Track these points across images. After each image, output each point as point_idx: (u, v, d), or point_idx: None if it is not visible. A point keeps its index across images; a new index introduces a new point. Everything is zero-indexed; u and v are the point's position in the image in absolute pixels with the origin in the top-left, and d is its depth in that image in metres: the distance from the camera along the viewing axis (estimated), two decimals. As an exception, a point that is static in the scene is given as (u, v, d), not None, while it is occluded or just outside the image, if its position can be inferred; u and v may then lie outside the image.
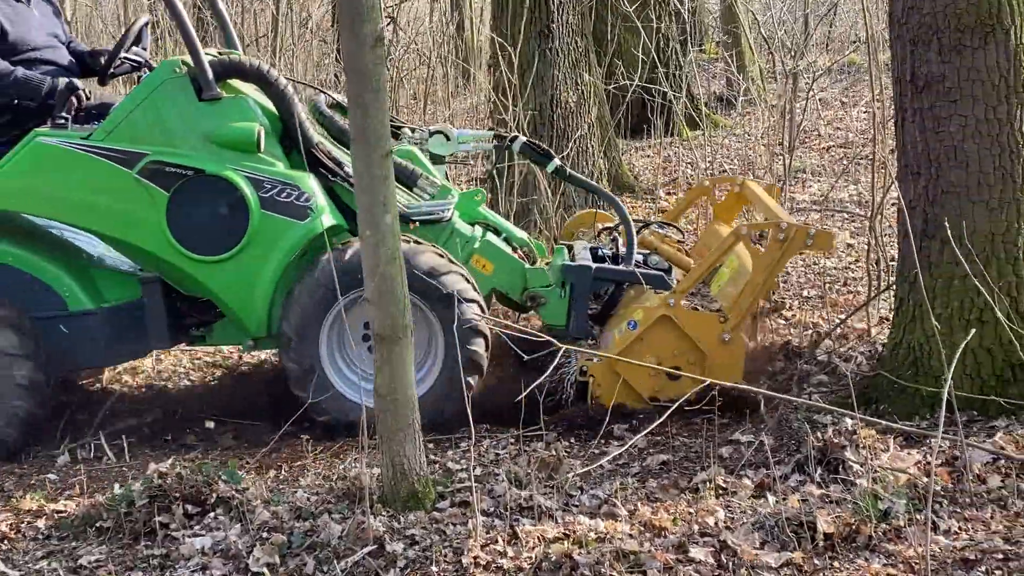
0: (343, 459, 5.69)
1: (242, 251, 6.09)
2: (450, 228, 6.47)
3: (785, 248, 5.86)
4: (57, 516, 5.19)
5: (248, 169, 6.07)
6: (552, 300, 6.43)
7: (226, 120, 6.11)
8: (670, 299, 5.99)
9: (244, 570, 4.50)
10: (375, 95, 4.56)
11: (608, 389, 6.00)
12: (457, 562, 4.36)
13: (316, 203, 6.10)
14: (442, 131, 6.97)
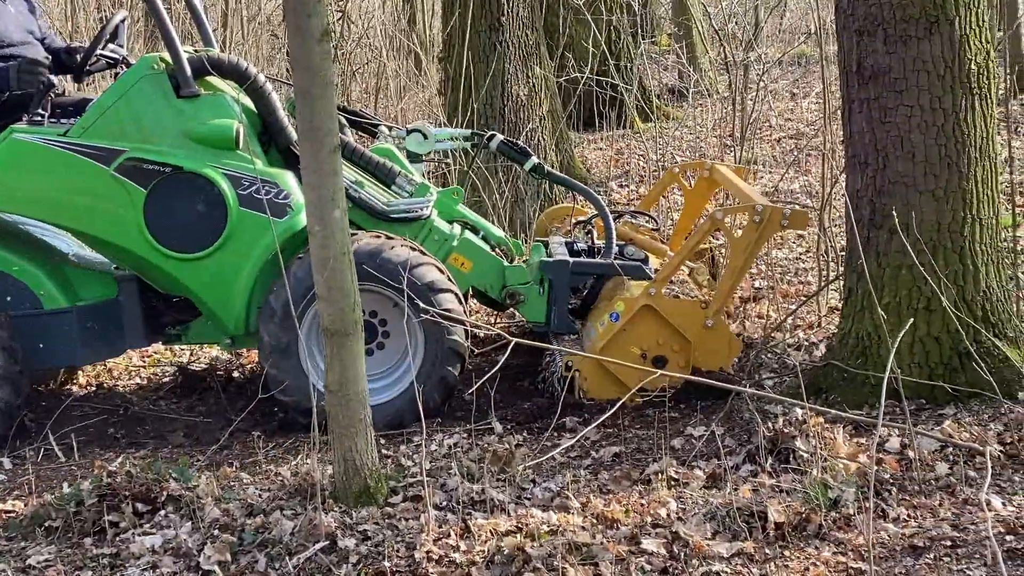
0: (295, 455, 5.66)
1: (220, 249, 6.06)
2: (428, 226, 6.43)
3: (761, 230, 5.86)
4: (5, 516, 5.15)
5: (227, 166, 6.04)
6: (531, 297, 6.40)
7: (204, 117, 6.08)
8: (651, 288, 5.98)
9: (195, 568, 4.47)
10: (322, 89, 4.55)
11: (595, 383, 6.01)
12: (410, 557, 4.35)
13: (295, 201, 6.05)
14: (419, 129, 6.97)
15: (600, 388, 5.98)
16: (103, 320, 6.33)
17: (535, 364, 6.55)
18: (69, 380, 7.23)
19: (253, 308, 6.14)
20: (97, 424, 6.47)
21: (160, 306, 6.45)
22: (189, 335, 6.53)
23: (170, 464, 5.27)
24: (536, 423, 5.91)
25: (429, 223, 6.44)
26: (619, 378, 5.89)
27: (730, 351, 6.07)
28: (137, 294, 6.32)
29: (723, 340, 6.02)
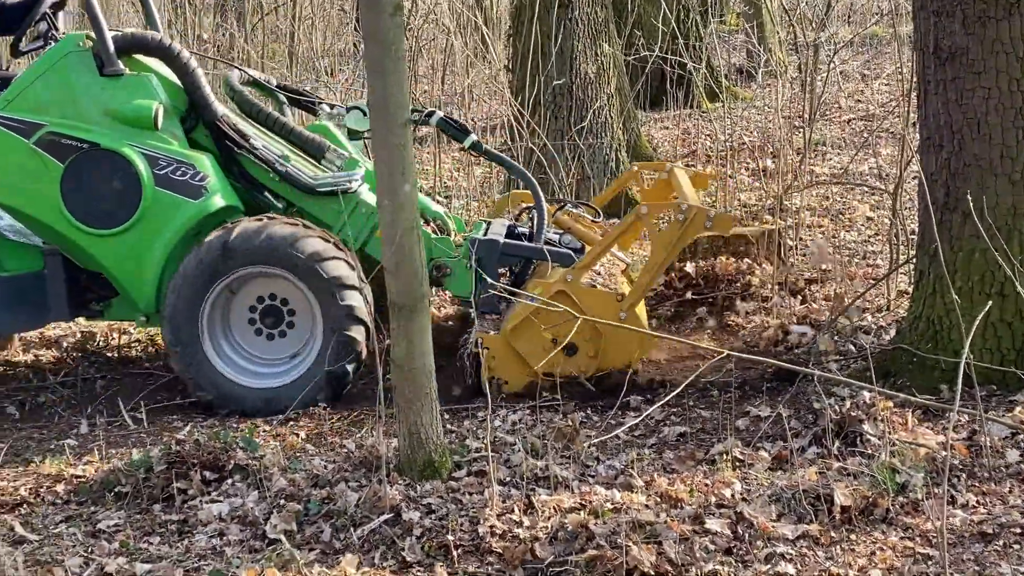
0: (360, 428, 5.69)
1: (133, 226, 6.14)
2: (355, 200, 6.47)
3: (684, 229, 5.86)
4: (76, 481, 5.21)
5: (145, 146, 6.12)
6: (458, 271, 6.41)
7: (126, 96, 6.18)
8: (568, 275, 5.98)
9: (261, 537, 4.52)
10: (394, 63, 4.55)
11: (502, 363, 6.01)
12: (473, 531, 4.37)
13: (211, 183, 6.16)
14: (359, 107, 7.05)
15: (506, 368, 6.00)
16: (27, 292, 6.39)
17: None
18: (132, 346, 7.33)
19: (164, 287, 6.20)
20: (165, 392, 6.53)
21: (85, 281, 6.50)
22: (111, 312, 6.61)
23: (237, 433, 5.31)
24: (599, 401, 5.89)
25: (356, 197, 6.48)
26: (526, 360, 5.93)
27: (641, 347, 6.02)
28: (62, 268, 6.36)
29: (635, 335, 5.97)
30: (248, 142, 6.34)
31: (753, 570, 4.03)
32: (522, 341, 5.95)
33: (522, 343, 5.95)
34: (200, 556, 4.43)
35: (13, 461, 5.57)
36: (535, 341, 5.91)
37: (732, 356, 5.36)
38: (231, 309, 6.25)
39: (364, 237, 6.48)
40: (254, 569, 4.19)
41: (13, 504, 5.05)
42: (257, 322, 6.26)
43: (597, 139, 9.92)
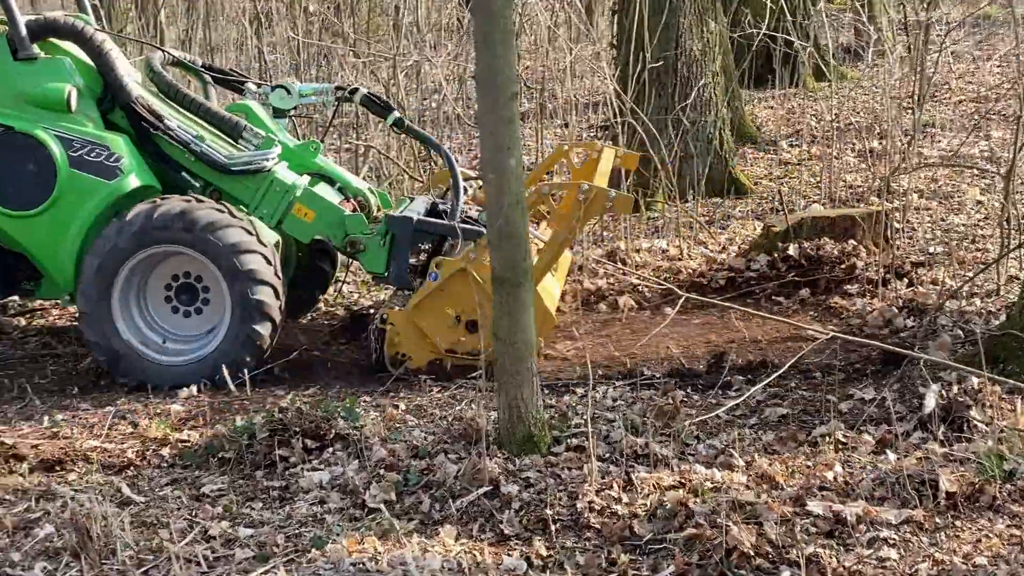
0: (459, 401, 5.72)
1: (50, 208, 6.27)
2: (270, 178, 6.53)
3: (585, 208, 5.92)
4: (181, 445, 5.30)
5: (59, 128, 6.26)
6: (371, 247, 6.45)
7: (39, 80, 6.30)
8: (471, 253, 6.02)
9: (361, 505, 4.55)
10: (503, 35, 4.54)
11: (406, 339, 6.13)
12: (572, 506, 4.37)
13: (125, 164, 6.27)
14: (283, 85, 7.14)
15: (410, 344, 6.13)
16: None
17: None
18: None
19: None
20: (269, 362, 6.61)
21: (13, 261, 6.61)
22: (41, 291, 6.73)
23: (338, 403, 5.36)
24: (700, 380, 5.85)
25: (271, 176, 6.53)
26: (429, 336, 6.07)
27: (543, 325, 5.95)
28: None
29: (536, 313, 5.89)
30: (163, 123, 6.45)
31: (855, 554, 3.98)
32: (425, 318, 6.09)
33: (425, 320, 6.09)
34: (301, 523, 4.47)
35: (120, 424, 5.67)
36: (438, 318, 6.07)
37: (837, 338, 5.29)
38: (147, 287, 6.39)
39: (280, 215, 6.54)
40: (354, 537, 4.23)
41: (120, 466, 5.15)
42: (173, 300, 6.41)
43: (700, 117, 9.83)
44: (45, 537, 4.40)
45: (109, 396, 6.13)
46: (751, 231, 8.70)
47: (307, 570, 4.06)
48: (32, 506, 4.73)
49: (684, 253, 8.20)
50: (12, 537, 4.45)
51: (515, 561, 4.08)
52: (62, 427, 5.64)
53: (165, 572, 4.11)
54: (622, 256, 8.10)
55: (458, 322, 6.09)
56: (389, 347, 6.17)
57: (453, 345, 6.12)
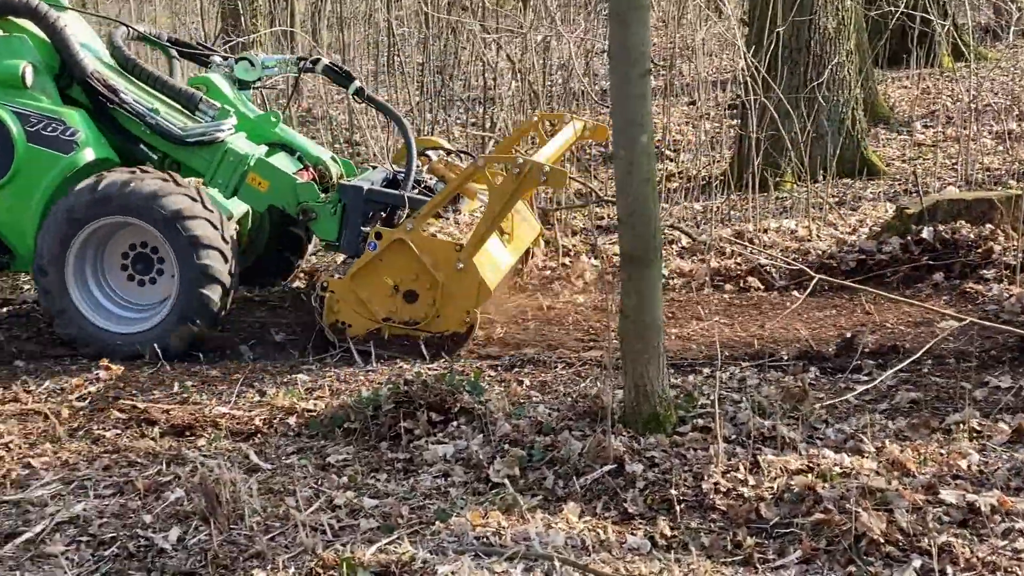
0: (583, 378, 5.70)
1: (9, 182, 6.47)
2: (224, 148, 6.65)
3: (520, 181, 5.97)
4: (307, 415, 5.36)
5: (15, 104, 6.45)
6: (323, 215, 6.53)
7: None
8: (408, 224, 6.10)
9: (485, 480, 4.56)
10: (637, 12, 4.49)
11: (346, 307, 6.22)
12: (697, 487, 4.33)
13: (81, 137, 6.45)
14: (246, 57, 7.30)
15: (349, 313, 6.21)
16: None
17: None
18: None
19: None
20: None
21: None
22: (15, 263, 6.85)
23: (463, 377, 5.37)
24: (828, 363, 5.75)
25: (224, 146, 6.66)
26: (367, 305, 6.18)
27: (478, 296, 6.12)
28: None
29: (472, 284, 6.08)
30: (118, 96, 6.60)
31: (989, 545, 3.88)
32: (364, 287, 6.19)
33: (364, 289, 6.19)
34: (425, 495, 4.50)
35: (248, 391, 5.76)
36: (376, 287, 6.18)
37: (974, 324, 5.16)
38: (104, 258, 6.53)
39: (234, 184, 6.67)
40: (478, 511, 4.24)
41: (248, 433, 5.24)
42: (130, 269, 6.54)
43: (833, 96, 9.65)
44: (175, 500, 4.48)
45: (237, 364, 6.22)
46: (883, 213, 8.53)
47: (431, 542, 4.08)
48: (163, 470, 4.83)
49: (813, 234, 8.07)
50: (144, 499, 4.55)
51: (639, 540, 4.06)
52: (192, 393, 5.75)
53: (291, 539, 4.16)
54: (750, 236, 8.00)
55: (396, 291, 6.20)
56: (329, 314, 6.27)
57: (391, 314, 6.22)
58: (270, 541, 4.14)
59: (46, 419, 5.49)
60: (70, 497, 4.62)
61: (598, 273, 7.58)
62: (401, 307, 6.17)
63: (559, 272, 7.64)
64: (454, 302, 6.12)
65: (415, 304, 6.14)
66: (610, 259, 7.74)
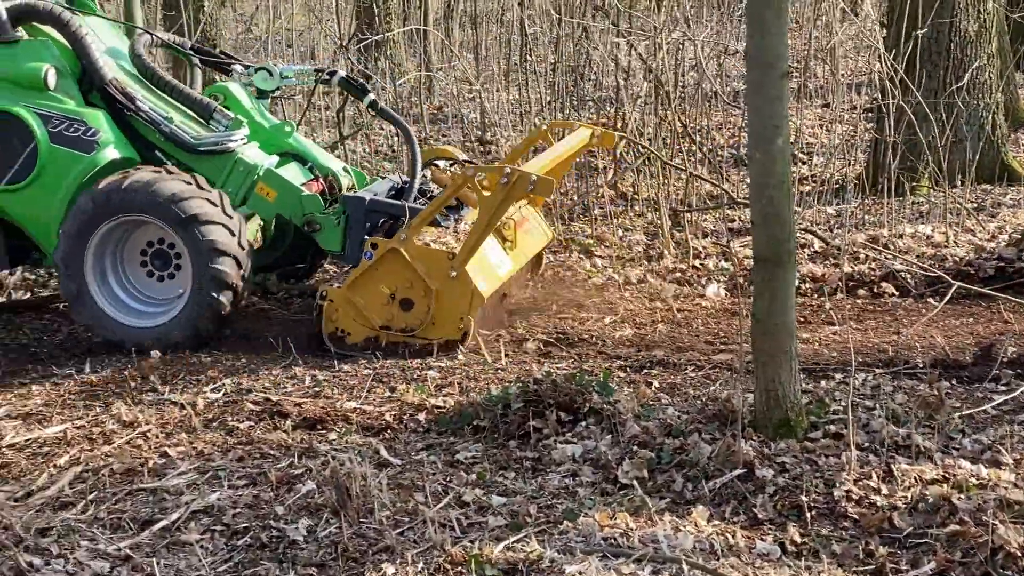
0: (712, 382, 5.65)
1: (35, 181, 6.69)
2: (234, 158, 6.83)
3: (508, 191, 6.01)
4: (437, 411, 5.40)
5: (39, 106, 6.67)
6: (327, 226, 6.70)
7: (20, 61, 6.73)
8: (402, 234, 6.22)
9: (613, 481, 4.55)
10: (776, 15, 4.45)
11: (344, 315, 6.36)
12: (828, 494, 4.27)
13: (102, 137, 6.66)
14: (265, 67, 7.46)
15: (348, 321, 6.35)
16: None
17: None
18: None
19: None
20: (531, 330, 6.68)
21: (23, 233, 7.00)
22: (48, 259, 6.99)
23: (593, 377, 5.36)
24: (965, 372, 5.64)
25: (235, 156, 6.84)
26: (365, 313, 6.31)
27: (472, 304, 6.21)
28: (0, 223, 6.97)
29: (465, 292, 6.20)
30: (134, 104, 6.79)
31: None
32: (361, 295, 6.32)
33: (361, 297, 6.32)
34: (553, 494, 4.50)
35: (378, 387, 5.82)
36: (373, 296, 6.31)
37: None
38: (124, 253, 6.71)
39: (244, 193, 6.83)
40: (606, 512, 4.23)
41: (379, 428, 5.29)
42: (148, 264, 6.70)
43: (973, 100, 9.45)
44: (307, 493, 4.55)
45: (368, 359, 6.29)
46: (1023, 220, 8.33)
47: (559, 541, 4.08)
48: (295, 462, 4.90)
49: (950, 240, 7.91)
50: (276, 491, 4.62)
51: (768, 546, 4.02)
52: (324, 387, 5.82)
53: (420, 535, 4.19)
54: (884, 241, 7.87)
55: (392, 300, 6.30)
56: (327, 323, 6.41)
57: (388, 321, 6.34)
58: (399, 536, 4.18)
59: (182, 409, 5.61)
60: (205, 487, 4.72)
61: (728, 276, 7.53)
62: (397, 315, 6.33)
63: (689, 274, 7.60)
64: (448, 309, 6.25)
65: (411, 312, 6.30)
66: (741, 262, 7.68)
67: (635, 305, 7.23)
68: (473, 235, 6.22)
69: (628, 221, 8.99)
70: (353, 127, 11.15)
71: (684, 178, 8.86)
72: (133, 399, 5.78)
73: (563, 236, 8.57)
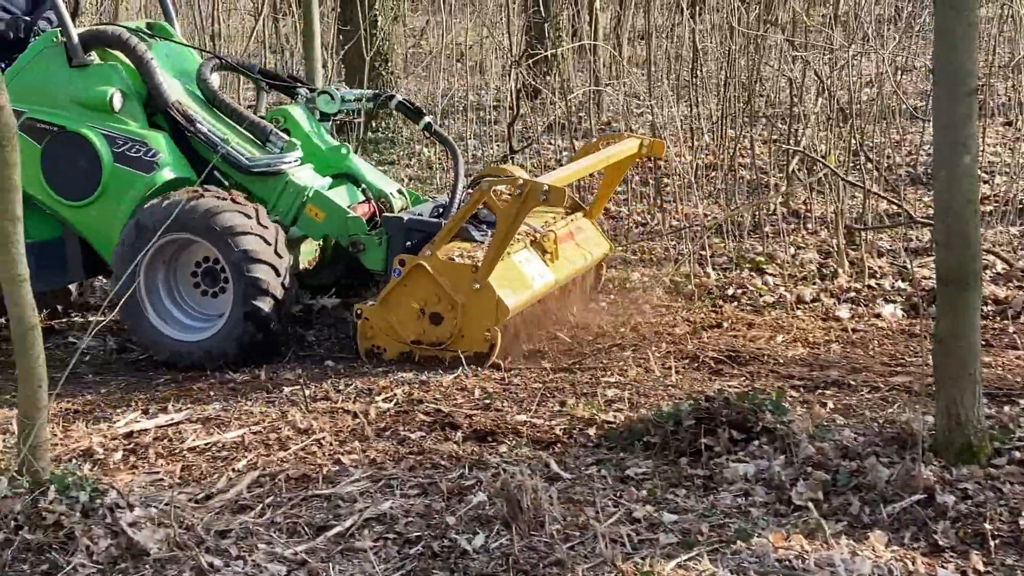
0: (892, 402, 5.53)
1: (98, 198, 7.06)
2: (285, 179, 7.07)
3: (522, 202, 6.15)
4: (607, 426, 5.38)
5: (105, 127, 7.03)
6: (370, 247, 6.87)
7: (88, 84, 7.09)
8: (427, 249, 6.40)
9: (787, 502, 4.48)
10: (966, 31, 4.35)
11: (379, 331, 6.56)
12: (1013, 523, 4.14)
13: (162, 158, 6.99)
14: (328, 91, 7.67)
15: (382, 337, 6.55)
16: (50, 255, 7.19)
17: None
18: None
19: None
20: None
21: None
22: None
23: (766, 396, 5.29)
24: None
25: (286, 177, 7.08)
26: (397, 328, 6.50)
27: (497, 315, 6.31)
28: (77, 236, 7.28)
29: (490, 303, 6.29)
30: (194, 126, 7.08)
31: None
32: (392, 311, 6.50)
33: (392, 313, 6.50)
34: (725, 513, 4.44)
35: (549, 400, 5.83)
36: (404, 311, 6.49)
37: None
38: (177, 270, 6.93)
39: (294, 213, 7.07)
40: (780, 533, 4.16)
41: (549, 442, 5.29)
42: (200, 283, 6.89)
43: None
44: (477, 504, 4.57)
45: (538, 373, 6.31)
46: None
47: (731, 561, 4.03)
48: (466, 473, 4.93)
49: None
50: (447, 501, 4.65)
51: (950, 574, 3.91)
52: (494, 400, 5.86)
53: (590, 550, 4.18)
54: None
55: (423, 314, 6.47)
56: (363, 340, 6.61)
57: (419, 336, 6.51)
58: (569, 550, 4.17)
59: (355, 418, 5.70)
60: (377, 494, 4.78)
61: (905, 296, 7.37)
62: (428, 329, 6.46)
63: (865, 294, 7.46)
64: (475, 322, 6.34)
65: (441, 326, 6.43)
66: (919, 282, 7.51)
67: (808, 324, 7.12)
68: (492, 247, 6.35)
69: (800, 239, 8.86)
70: (523, 141, 11.22)
71: (860, 196, 8.69)
72: (307, 406, 5.89)
73: (734, 253, 8.48)
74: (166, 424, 5.79)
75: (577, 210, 7.55)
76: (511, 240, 6.44)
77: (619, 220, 9.75)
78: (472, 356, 6.39)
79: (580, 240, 7.30)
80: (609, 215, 9.85)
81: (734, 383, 5.97)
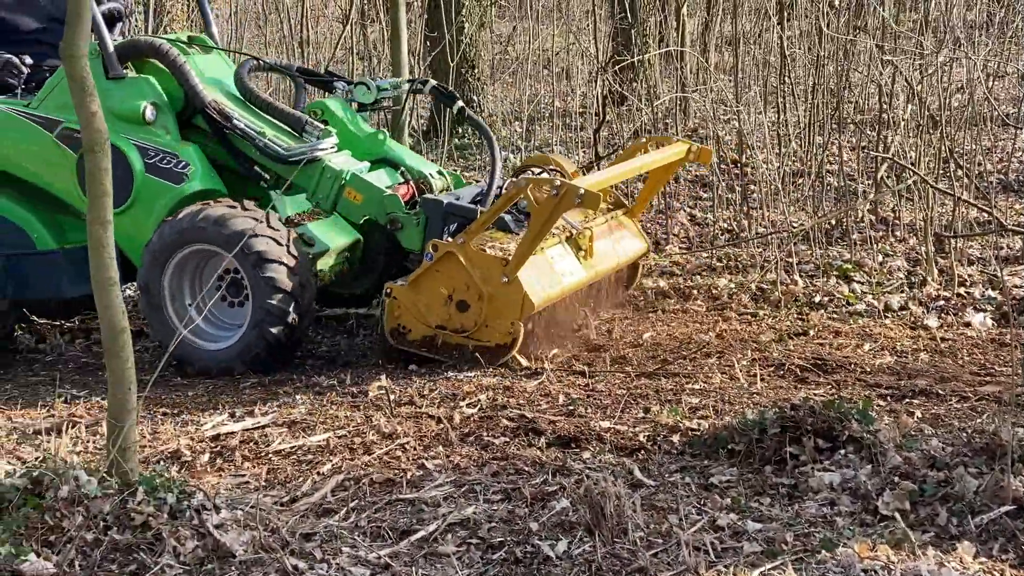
0: (981, 412, 5.45)
1: (130, 207, 7.27)
2: (322, 166, 7.24)
3: (557, 203, 6.22)
4: (691, 433, 5.36)
5: (138, 139, 7.26)
6: (408, 226, 7.02)
7: (124, 96, 7.30)
8: (460, 238, 6.49)
9: (873, 512, 4.43)
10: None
11: (407, 312, 6.64)
12: (1107, 537, 4.06)
13: (191, 170, 7.24)
14: (364, 82, 7.88)
15: (409, 318, 6.63)
16: (85, 261, 7.03)
17: None
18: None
19: None
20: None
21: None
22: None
23: (852, 405, 5.24)
24: None
25: (322, 163, 7.25)
26: (423, 311, 6.59)
27: (523, 309, 6.39)
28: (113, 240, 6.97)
29: (516, 298, 6.37)
30: (231, 122, 7.33)
31: None
32: (421, 295, 6.60)
33: (421, 296, 6.60)
34: (810, 523, 4.40)
35: (632, 407, 5.82)
36: (432, 296, 6.58)
37: None
38: (202, 279, 7.05)
39: (334, 198, 7.24)
40: (866, 543, 4.12)
41: (632, 449, 5.28)
42: (223, 290, 7.02)
43: None
44: (561, 510, 4.57)
45: (622, 378, 6.30)
46: None
47: (815, 571, 4.00)
48: (549, 479, 4.93)
49: None
50: (531, 507, 4.66)
51: (1040, 587, 3.85)
52: (577, 406, 5.86)
53: (673, 557, 4.16)
54: None
55: (450, 300, 6.56)
56: (390, 318, 6.70)
57: (444, 322, 6.60)
58: (652, 557, 4.16)
59: (439, 423, 5.73)
60: (461, 500, 4.79)
61: (995, 305, 7.26)
62: (454, 315, 6.55)
63: (954, 302, 7.36)
64: (500, 314, 6.42)
65: (466, 313, 6.55)
66: (1010, 291, 7.40)
67: (895, 332, 7.04)
68: (524, 243, 6.40)
69: (889, 246, 8.76)
70: (608, 147, 11.20)
71: (950, 203, 8.58)
72: (392, 411, 5.93)
73: (821, 260, 8.41)
74: (252, 427, 5.87)
75: (619, 207, 7.65)
76: (544, 238, 6.52)
77: (705, 226, 9.71)
78: (493, 348, 6.50)
79: (617, 238, 7.40)
80: (695, 222, 9.81)
81: (820, 391, 5.92)
